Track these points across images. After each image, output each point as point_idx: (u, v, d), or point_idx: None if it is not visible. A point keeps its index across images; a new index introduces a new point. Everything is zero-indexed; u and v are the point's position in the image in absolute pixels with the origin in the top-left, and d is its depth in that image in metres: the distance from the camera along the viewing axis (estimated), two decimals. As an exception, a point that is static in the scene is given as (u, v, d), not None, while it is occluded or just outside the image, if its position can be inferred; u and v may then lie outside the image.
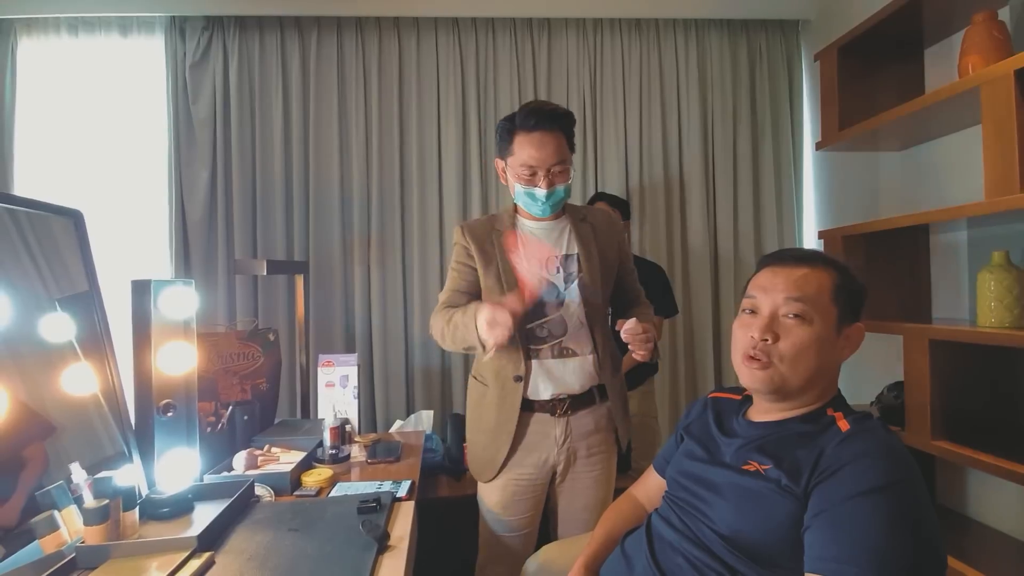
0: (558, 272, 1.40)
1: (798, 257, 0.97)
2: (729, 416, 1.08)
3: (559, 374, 1.38)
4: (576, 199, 2.57)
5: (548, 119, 1.31)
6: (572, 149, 1.38)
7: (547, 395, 1.39)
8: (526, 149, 1.32)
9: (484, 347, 1.25)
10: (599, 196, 2.31)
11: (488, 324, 1.20)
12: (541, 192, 1.34)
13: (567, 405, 1.39)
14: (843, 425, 0.89)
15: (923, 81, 1.89)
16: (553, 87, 2.66)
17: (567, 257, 1.41)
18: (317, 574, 0.91)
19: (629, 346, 1.27)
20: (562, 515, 1.46)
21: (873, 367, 2.16)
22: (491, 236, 1.43)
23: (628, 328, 1.25)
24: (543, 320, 1.38)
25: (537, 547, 1.44)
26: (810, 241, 2.72)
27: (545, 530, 1.51)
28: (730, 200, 2.72)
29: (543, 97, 2.65)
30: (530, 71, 2.65)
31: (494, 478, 1.41)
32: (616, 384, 1.45)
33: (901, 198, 2.06)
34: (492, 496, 1.42)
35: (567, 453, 1.40)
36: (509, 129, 1.36)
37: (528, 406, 1.39)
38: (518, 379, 1.37)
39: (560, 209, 1.42)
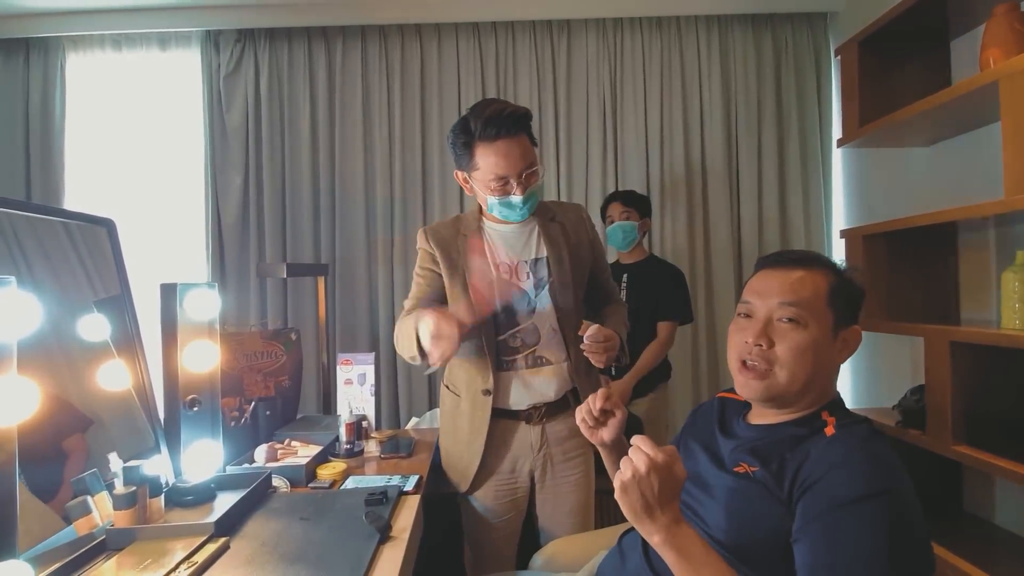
0: (528, 278, 1.35)
1: (794, 259, 0.96)
2: (732, 417, 1.09)
3: (534, 384, 1.36)
4: (595, 198, 2.59)
5: (509, 125, 1.23)
6: (535, 143, 1.31)
7: (523, 405, 1.36)
8: (492, 160, 1.24)
9: (428, 359, 1.19)
10: (612, 197, 2.31)
11: (433, 336, 1.13)
12: (517, 199, 1.27)
13: (543, 413, 1.37)
14: (829, 431, 0.89)
15: (949, 74, 1.83)
16: (572, 87, 2.68)
17: (536, 261, 1.36)
18: (322, 559, 0.97)
19: (585, 352, 1.25)
20: (546, 522, 1.44)
21: (898, 370, 2.10)
22: (456, 241, 1.37)
23: (590, 335, 1.22)
24: (516, 329, 1.34)
25: (521, 547, 1.47)
26: (838, 240, 2.65)
27: (528, 528, 1.51)
28: (755, 198, 2.68)
29: (563, 97, 2.67)
30: (549, 72, 2.68)
31: (470, 490, 1.40)
32: (590, 383, 1.41)
33: (930, 195, 1.99)
34: (473, 501, 1.42)
35: (543, 459, 1.39)
36: (466, 142, 1.27)
37: (502, 415, 1.36)
38: (487, 393, 1.34)
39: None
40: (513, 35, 2.67)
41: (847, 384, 2.52)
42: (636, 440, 0.81)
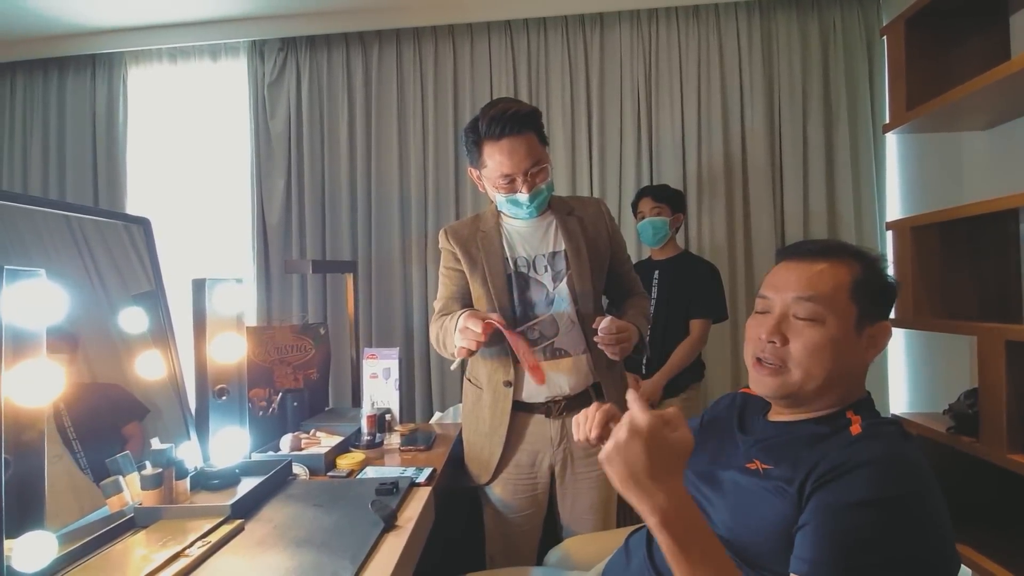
0: (546, 271, 1.38)
1: (815, 251, 0.91)
2: (752, 414, 1.05)
3: (552, 376, 1.36)
4: (629, 194, 2.54)
5: (513, 124, 1.25)
6: (545, 142, 1.34)
7: (541, 398, 1.38)
8: (497, 158, 1.28)
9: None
10: (643, 192, 2.25)
11: (460, 331, 1.22)
12: (524, 197, 1.31)
13: (562, 407, 1.37)
14: (855, 429, 0.84)
15: (1008, 52, 1.68)
16: (606, 81, 2.64)
17: (554, 255, 1.38)
18: (327, 543, 1.00)
19: (599, 344, 1.25)
20: (567, 517, 1.45)
21: (956, 372, 1.95)
22: (476, 238, 1.41)
23: (603, 328, 1.22)
24: (533, 322, 1.36)
25: (543, 541, 1.46)
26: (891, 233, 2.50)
27: (551, 524, 1.51)
28: (799, 191, 2.56)
29: (595, 91, 2.64)
30: (582, 66, 2.65)
31: (491, 481, 1.43)
32: (613, 379, 1.41)
33: (988, 182, 1.84)
34: (493, 494, 1.44)
35: (563, 454, 1.39)
36: (475, 140, 1.31)
37: (522, 408, 1.39)
38: (507, 384, 1.37)
39: (546, 205, 1.39)
40: (545, 31, 2.66)
41: (899, 387, 2.37)
42: (629, 399, 0.73)
